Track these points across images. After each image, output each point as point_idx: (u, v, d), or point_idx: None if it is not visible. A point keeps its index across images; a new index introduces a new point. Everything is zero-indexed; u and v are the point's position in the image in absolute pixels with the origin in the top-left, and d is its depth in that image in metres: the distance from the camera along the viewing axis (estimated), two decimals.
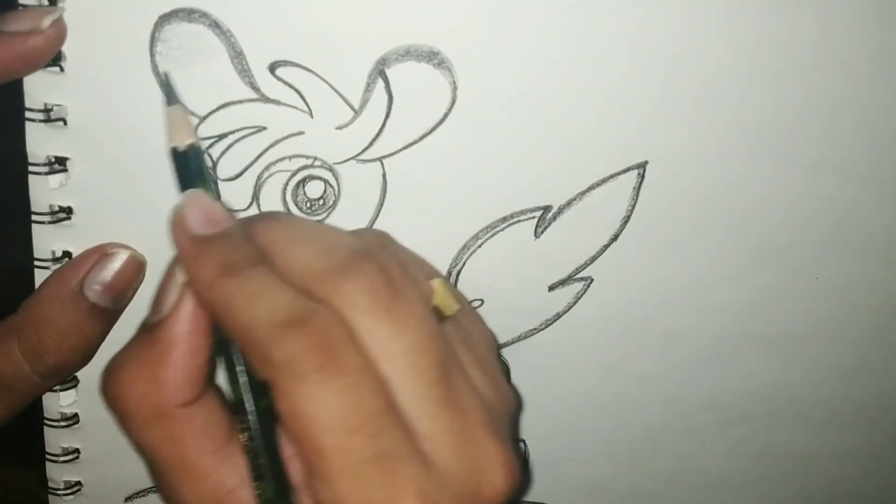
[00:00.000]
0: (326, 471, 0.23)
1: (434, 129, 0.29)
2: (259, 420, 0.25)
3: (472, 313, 0.31)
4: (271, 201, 0.30)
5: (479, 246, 0.32)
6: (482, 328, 0.30)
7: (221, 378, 0.26)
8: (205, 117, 0.29)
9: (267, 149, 0.29)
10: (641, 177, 0.31)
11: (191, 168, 0.27)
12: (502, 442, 0.25)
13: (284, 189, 0.30)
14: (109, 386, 0.25)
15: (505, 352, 0.35)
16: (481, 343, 0.28)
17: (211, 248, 0.24)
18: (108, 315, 0.30)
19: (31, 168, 0.29)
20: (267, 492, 0.24)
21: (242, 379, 0.25)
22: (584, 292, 0.34)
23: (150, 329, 0.25)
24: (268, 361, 0.23)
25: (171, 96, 0.28)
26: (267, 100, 0.28)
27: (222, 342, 0.25)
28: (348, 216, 0.31)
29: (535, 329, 0.34)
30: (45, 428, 0.34)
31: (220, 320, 0.24)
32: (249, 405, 0.25)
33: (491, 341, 0.30)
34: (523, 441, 0.36)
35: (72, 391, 0.33)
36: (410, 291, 0.25)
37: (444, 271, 0.32)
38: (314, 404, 0.22)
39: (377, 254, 0.25)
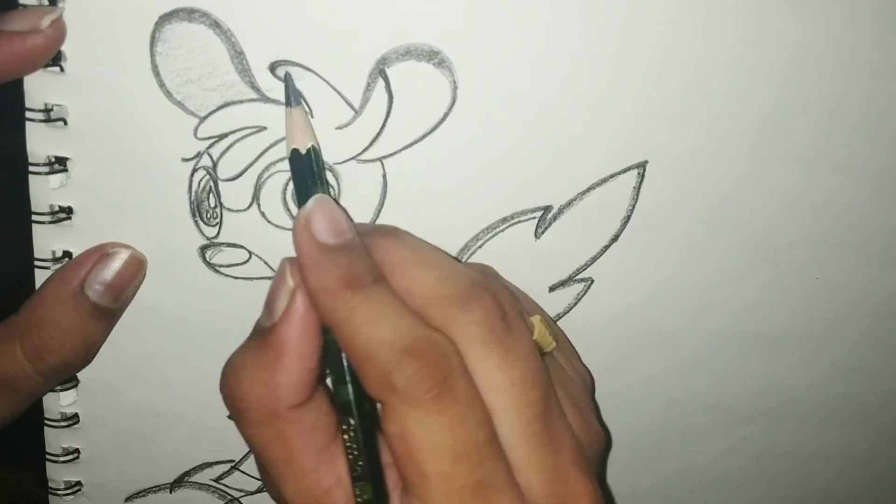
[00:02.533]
0: (427, 494, 0.24)
1: (434, 129, 0.29)
2: (362, 425, 0.26)
3: (568, 350, 0.32)
4: (271, 201, 0.30)
5: (480, 247, 0.32)
6: (578, 366, 0.31)
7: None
8: (205, 117, 0.29)
9: (267, 149, 0.29)
10: (641, 176, 0.31)
11: (313, 171, 0.27)
12: (591, 480, 0.26)
13: (284, 189, 0.30)
14: (227, 386, 0.26)
15: None
16: (576, 381, 0.29)
17: (336, 258, 0.25)
18: (110, 315, 0.30)
19: (31, 168, 0.29)
20: (366, 493, 0.25)
21: (348, 388, 0.26)
22: (585, 293, 0.34)
23: (263, 332, 0.26)
24: (386, 384, 0.24)
25: (292, 97, 0.28)
26: (267, 100, 0.28)
27: (330, 345, 0.26)
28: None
29: None
30: (45, 428, 0.34)
31: (338, 332, 0.25)
32: (355, 412, 0.26)
33: (585, 379, 0.31)
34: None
35: (72, 391, 0.33)
36: (520, 327, 0.26)
37: None
38: (425, 430, 0.24)
39: (493, 286, 0.26)
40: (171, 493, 0.36)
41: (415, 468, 0.24)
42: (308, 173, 0.27)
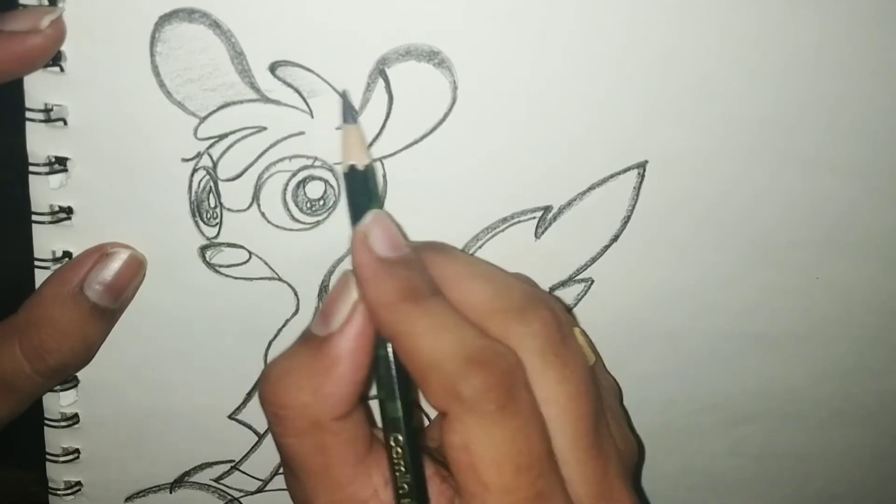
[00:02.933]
0: None
1: (434, 129, 0.29)
2: (409, 442, 0.26)
3: (601, 362, 0.32)
4: (271, 201, 0.30)
5: (480, 247, 0.32)
6: (609, 377, 0.32)
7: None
8: (205, 117, 0.29)
9: (267, 149, 0.29)
10: (641, 176, 0.31)
11: (369, 187, 0.27)
12: (632, 492, 0.26)
13: (285, 189, 0.30)
14: (273, 392, 0.26)
15: None
16: (611, 392, 0.30)
17: (394, 271, 0.25)
18: (109, 315, 0.30)
19: (31, 168, 0.29)
20: None
21: (397, 405, 0.26)
22: (585, 293, 0.34)
23: (317, 341, 0.26)
24: (452, 394, 0.24)
25: (349, 114, 0.28)
26: (267, 100, 0.28)
27: (381, 361, 0.26)
28: (348, 216, 0.31)
29: None
30: (45, 428, 0.34)
31: (399, 344, 0.25)
32: (403, 428, 0.26)
33: (617, 391, 0.31)
34: None
35: (72, 391, 0.33)
36: (574, 340, 0.26)
37: None
38: (489, 441, 0.24)
39: (549, 300, 0.26)
40: (171, 493, 0.36)
41: (476, 479, 0.24)
42: (365, 189, 0.27)
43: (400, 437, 0.26)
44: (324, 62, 0.28)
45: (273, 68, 0.28)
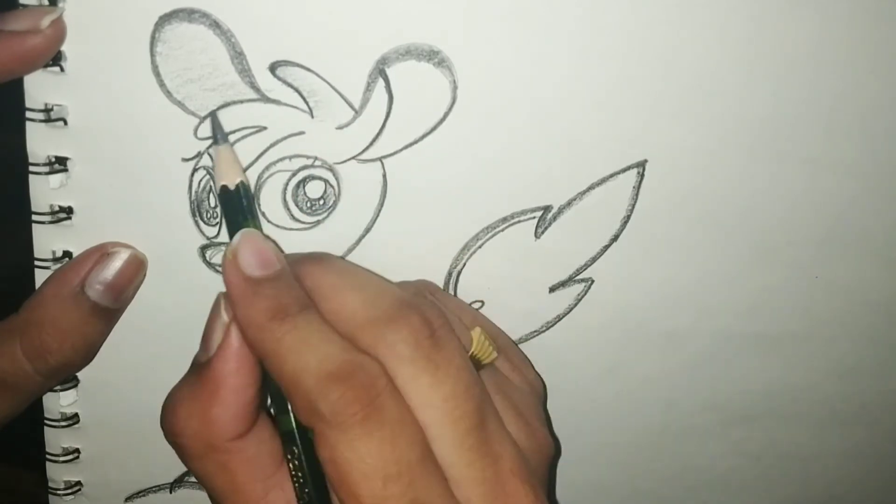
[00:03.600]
0: None
1: (434, 128, 0.29)
2: (306, 452, 0.26)
3: (518, 360, 0.32)
4: (271, 201, 0.30)
5: (480, 246, 0.32)
6: (528, 373, 0.31)
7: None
8: (205, 117, 0.29)
9: (267, 149, 0.29)
10: (641, 176, 0.31)
11: (242, 206, 0.28)
12: (534, 489, 0.26)
13: (285, 189, 0.30)
14: (166, 422, 0.27)
15: None
16: (521, 390, 0.30)
17: (262, 290, 0.25)
18: (110, 314, 0.30)
19: (31, 168, 0.29)
20: None
21: (289, 417, 0.26)
22: (585, 294, 0.34)
23: (199, 368, 0.26)
24: (312, 411, 0.24)
25: (218, 135, 0.28)
26: (267, 100, 0.28)
27: (270, 376, 0.26)
28: (348, 216, 0.31)
29: (535, 332, 0.34)
30: (46, 428, 0.34)
31: (267, 363, 0.25)
32: (298, 440, 0.26)
33: (535, 387, 0.31)
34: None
35: (72, 391, 0.33)
36: (450, 342, 0.26)
37: (444, 272, 0.32)
38: (354, 454, 0.24)
39: (420, 304, 0.27)
40: (171, 493, 0.36)
41: (348, 492, 0.24)
42: (238, 209, 0.28)
43: (295, 450, 0.26)
44: (324, 62, 0.28)
45: (273, 68, 0.28)
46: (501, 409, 0.27)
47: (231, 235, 0.27)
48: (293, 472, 0.26)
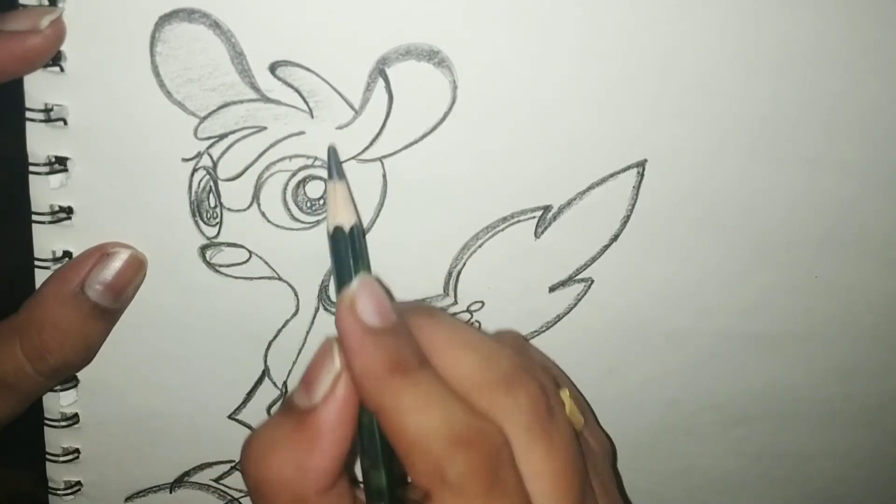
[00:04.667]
0: None
1: (434, 128, 0.29)
2: None
3: (591, 420, 0.32)
4: (271, 201, 0.30)
5: (480, 246, 0.32)
6: (599, 435, 0.31)
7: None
8: (205, 117, 0.29)
9: (267, 149, 0.29)
10: (641, 175, 0.31)
11: (355, 249, 0.26)
12: None
13: (285, 189, 0.30)
14: (255, 467, 0.25)
15: None
16: (601, 456, 0.29)
17: (382, 341, 0.24)
18: (110, 314, 0.30)
19: (31, 168, 0.29)
20: None
21: (382, 474, 0.25)
22: (585, 293, 0.34)
23: (300, 413, 0.25)
24: (437, 476, 0.23)
25: (337, 171, 0.27)
26: (267, 100, 0.28)
27: (364, 429, 0.25)
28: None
29: (535, 332, 0.34)
30: (45, 428, 0.34)
31: (383, 418, 0.24)
32: (387, 498, 0.25)
33: (607, 449, 0.31)
34: None
35: (72, 391, 0.33)
36: (562, 413, 0.26)
37: (444, 271, 0.32)
38: None
39: (535, 370, 0.26)
40: (171, 493, 0.36)
41: None
42: (351, 252, 0.26)
43: None
44: (324, 62, 0.28)
45: (273, 68, 0.28)
46: (591, 478, 0.27)
47: (340, 278, 0.26)
48: None
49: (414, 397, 0.24)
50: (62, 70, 0.27)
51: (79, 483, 0.35)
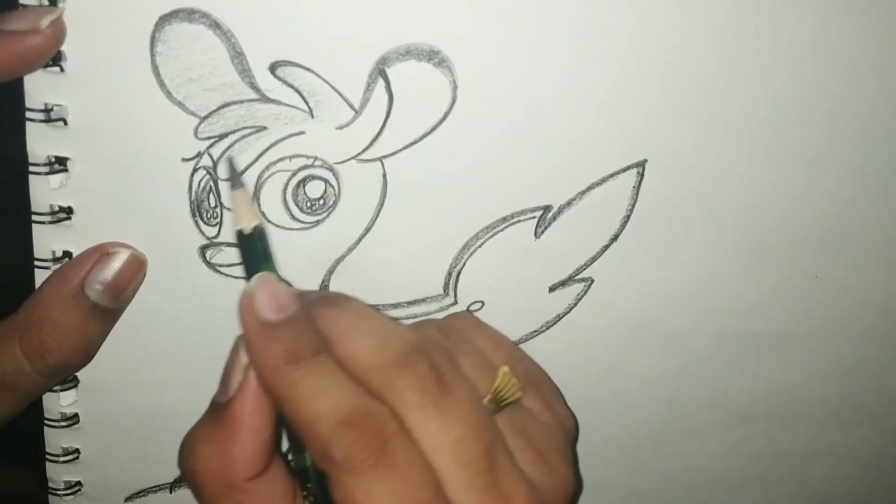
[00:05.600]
0: None
1: (434, 128, 0.29)
2: (322, 490, 0.27)
3: (550, 394, 0.32)
4: (271, 201, 0.30)
5: (480, 246, 0.32)
6: (558, 409, 0.32)
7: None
8: (205, 117, 0.29)
9: (267, 149, 0.29)
10: (641, 175, 0.31)
11: (257, 250, 0.28)
12: None
13: (285, 189, 0.30)
14: (185, 462, 0.27)
15: None
16: (546, 427, 0.30)
17: (278, 334, 0.26)
18: (109, 314, 0.30)
19: (31, 168, 0.29)
20: None
21: (305, 456, 0.27)
22: (585, 293, 0.34)
23: (218, 409, 0.27)
24: (327, 456, 0.25)
25: (235, 180, 0.29)
26: (267, 100, 0.28)
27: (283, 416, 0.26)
28: (348, 216, 0.31)
29: (535, 331, 0.34)
30: (45, 428, 0.34)
31: (282, 406, 0.26)
32: (313, 477, 0.27)
33: (565, 423, 0.31)
34: None
35: (72, 391, 0.33)
36: (458, 387, 0.27)
37: (444, 271, 0.32)
38: (366, 497, 0.25)
39: (429, 349, 0.27)
40: (171, 493, 0.36)
41: None
42: (253, 252, 0.28)
43: (310, 486, 0.27)
44: (324, 62, 0.28)
45: (273, 68, 0.28)
46: (519, 448, 0.28)
47: (248, 278, 0.27)
48: None
49: (307, 385, 0.25)
50: (62, 70, 0.27)
51: (79, 483, 0.35)
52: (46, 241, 0.30)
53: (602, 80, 0.29)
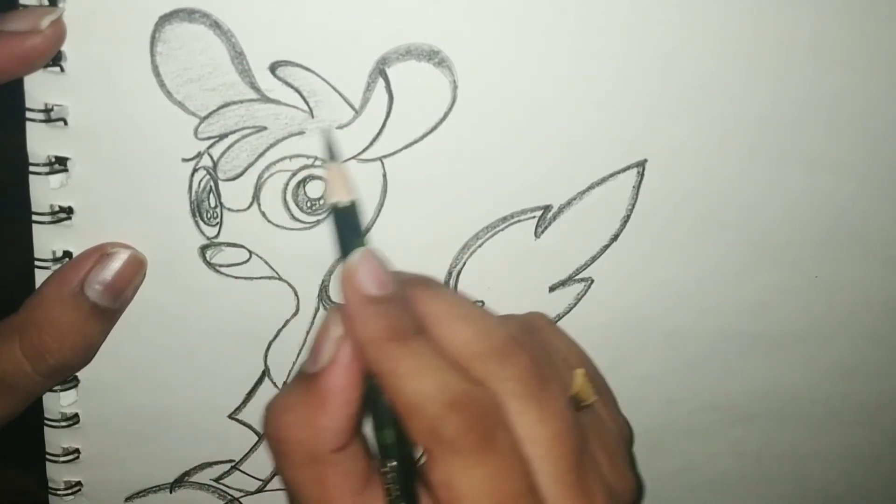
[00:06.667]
0: None
1: (434, 128, 0.29)
2: (403, 467, 0.27)
3: (610, 401, 0.33)
4: (271, 201, 0.30)
5: (480, 246, 0.32)
6: (616, 417, 0.32)
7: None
8: (205, 117, 0.29)
9: (267, 149, 0.29)
10: (641, 175, 0.31)
11: (352, 223, 0.27)
12: None
13: (285, 189, 0.30)
14: (272, 428, 0.27)
15: None
16: (613, 432, 0.31)
17: (380, 309, 0.26)
18: (109, 314, 0.30)
19: (31, 168, 0.29)
20: None
21: (391, 432, 0.27)
22: (585, 293, 0.34)
23: (309, 378, 0.27)
24: (432, 435, 0.25)
25: (331, 152, 0.28)
26: (267, 100, 0.29)
27: (372, 391, 0.26)
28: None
29: None
30: (45, 428, 0.34)
31: (384, 381, 0.26)
32: (396, 454, 0.27)
33: (623, 431, 0.32)
34: None
35: (72, 391, 0.33)
36: (555, 383, 0.27)
37: (444, 271, 0.32)
38: (468, 479, 0.25)
39: (529, 343, 0.28)
40: (171, 493, 0.36)
41: None
42: (351, 226, 0.27)
43: (393, 463, 0.27)
44: (324, 62, 0.28)
45: (273, 68, 0.28)
46: (597, 451, 0.28)
47: (343, 252, 0.27)
48: (388, 486, 0.27)
49: (410, 363, 0.25)
50: (62, 70, 0.27)
51: (79, 483, 0.35)
52: (46, 241, 0.30)
53: (602, 79, 0.29)
